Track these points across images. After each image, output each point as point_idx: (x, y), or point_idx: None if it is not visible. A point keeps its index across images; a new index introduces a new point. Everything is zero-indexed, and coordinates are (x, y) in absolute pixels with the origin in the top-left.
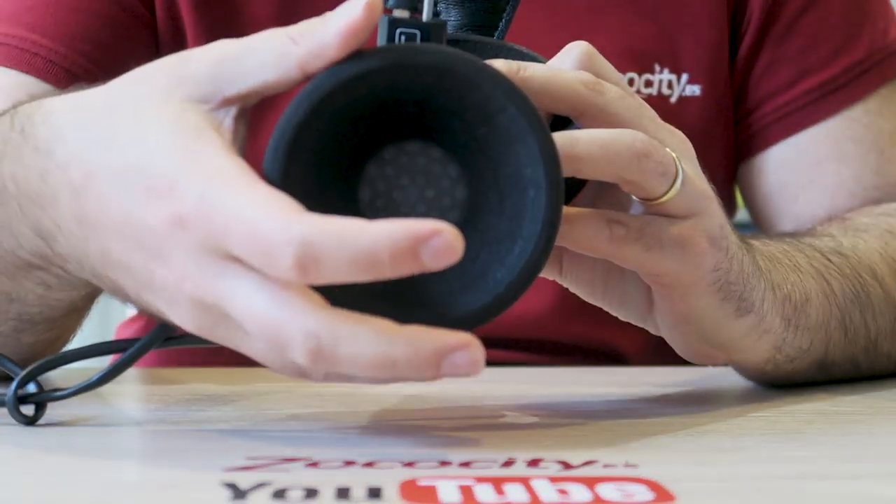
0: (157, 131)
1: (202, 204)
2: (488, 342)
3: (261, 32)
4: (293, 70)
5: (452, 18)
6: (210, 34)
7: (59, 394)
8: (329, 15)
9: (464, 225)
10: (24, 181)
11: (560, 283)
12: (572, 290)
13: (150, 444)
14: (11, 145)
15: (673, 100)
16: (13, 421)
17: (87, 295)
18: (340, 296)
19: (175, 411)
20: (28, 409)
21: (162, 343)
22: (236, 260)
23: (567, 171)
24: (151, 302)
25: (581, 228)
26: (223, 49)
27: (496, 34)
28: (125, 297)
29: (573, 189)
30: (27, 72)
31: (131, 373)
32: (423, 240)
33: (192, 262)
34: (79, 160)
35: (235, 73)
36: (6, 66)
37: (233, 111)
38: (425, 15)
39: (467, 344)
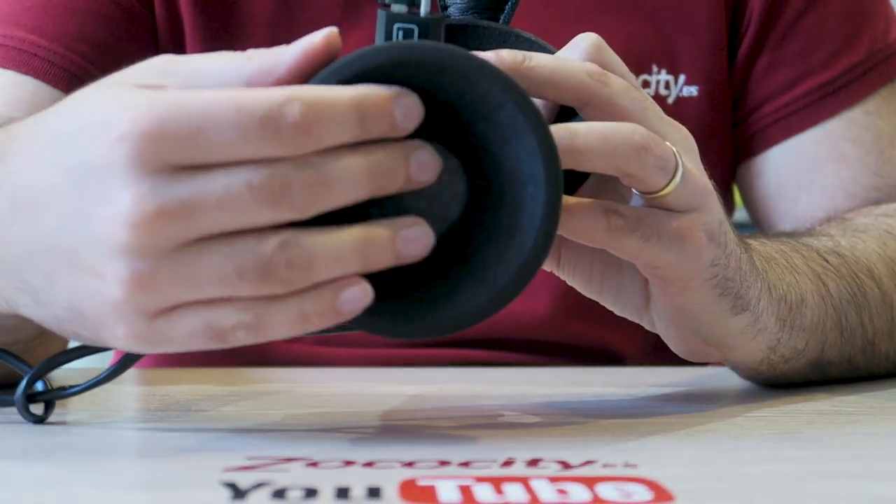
0: (97, 100)
1: (150, 111)
2: (487, 343)
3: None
4: (237, 80)
5: (458, 1)
6: (209, 32)
7: (68, 391)
8: (293, 43)
9: (464, 220)
10: None
11: (557, 274)
12: (569, 282)
13: (151, 444)
14: None
15: (670, 100)
16: (13, 420)
17: None
18: None
19: (175, 411)
20: (36, 408)
21: None
22: (190, 168)
23: (566, 163)
24: (73, 283)
25: (579, 218)
26: (173, 55)
27: (501, 17)
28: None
29: (575, 181)
30: (26, 72)
31: (131, 373)
32: (400, 95)
33: (143, 179)
34: (22, 150)
35: (184, 70)
36: (5, 67)
37: None
38: (423, 10)
39: None
